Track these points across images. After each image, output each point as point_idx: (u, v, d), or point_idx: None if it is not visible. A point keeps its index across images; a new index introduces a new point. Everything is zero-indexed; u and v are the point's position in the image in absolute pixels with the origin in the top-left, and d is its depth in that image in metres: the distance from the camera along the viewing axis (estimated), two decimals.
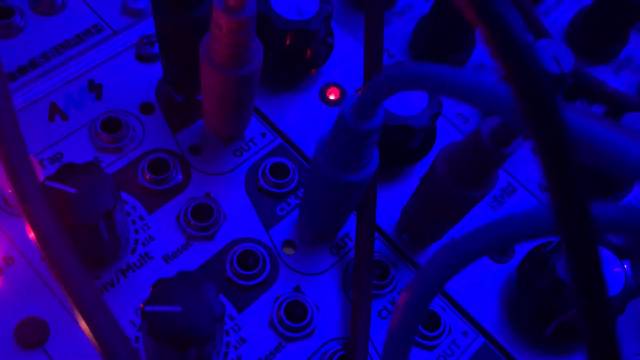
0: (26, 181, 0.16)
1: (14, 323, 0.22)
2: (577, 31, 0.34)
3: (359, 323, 0.24)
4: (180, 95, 0.27)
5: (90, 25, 0.29)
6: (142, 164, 0.25)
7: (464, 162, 0.21)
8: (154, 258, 0.24)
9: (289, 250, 0.26)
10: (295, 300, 0.24)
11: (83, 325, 0.15)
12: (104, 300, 0.16)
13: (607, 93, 0.32)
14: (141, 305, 0.19)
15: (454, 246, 0.15)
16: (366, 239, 0.25)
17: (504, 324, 0.26)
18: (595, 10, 0.34)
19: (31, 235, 0.16)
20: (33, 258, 0.23)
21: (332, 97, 0.30)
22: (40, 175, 0.24)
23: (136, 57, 0.28)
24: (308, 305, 0.24)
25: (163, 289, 0.19)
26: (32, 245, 0.23)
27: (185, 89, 0.27)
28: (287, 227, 0.26)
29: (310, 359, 0.24)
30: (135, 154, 0.26)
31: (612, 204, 0.13)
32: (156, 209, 0.25)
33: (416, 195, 0.25)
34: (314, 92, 0.30)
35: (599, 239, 0.25)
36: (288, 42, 0.27)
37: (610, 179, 0.30)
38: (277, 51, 0.27)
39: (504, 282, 0.27)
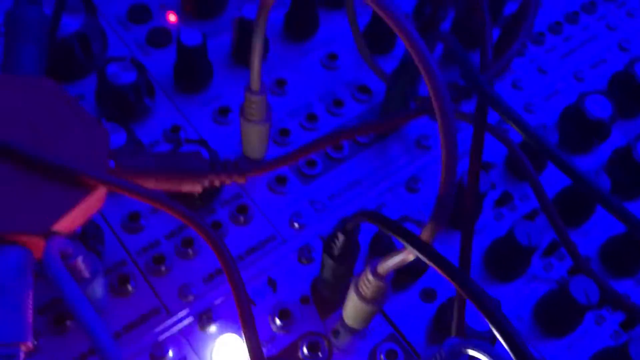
0: None
1: None
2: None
3: None
4: (327, 296, 0.40)
5: (269, 235, 0.43)
6: (302, 343, 0.38)
7: None
8: None
9: None
10: None
11: None
12: None
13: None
14: None
15: None
16: None
17: None
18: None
19: None
20: None
21: None
22: None
23: (298, 260, 0.42)
24: None
25: None
26: None
27: (332, 297, 0.40)
28: None
29: None
30: (297, 334, 0.39)
31: None
32: None
33: None
34: None
35: None
36: None
37: None
38: None
39: None
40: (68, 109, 0.32)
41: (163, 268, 0.40)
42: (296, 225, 0.43)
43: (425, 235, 0.29)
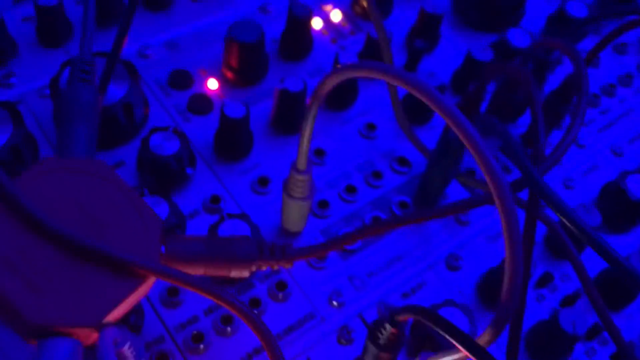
0: None
1: None
2: None
3: None
4: None
5: (308, 313, 0.42)
6: None
7: None
8: None
9: None
10: None
11: None
12: None
13: None
14: None
15: None
16: None
17: None
18: None
19: None
20: None
21: None
22: None
23: (337, 341, 0.41)
24: None
25: None
26: None
27: None
28: None
29: None
30: None
31: None
32: None
33: None
34: None
35: None
36: None
37: None
38: None
39: None
40: (121, 193, 0.32)
41: (202, 346, 0.39)
42: (335, 303, 0.42)
43: (483, 340, 0.28)
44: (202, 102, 0.51)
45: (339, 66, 0.32)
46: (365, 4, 0.57)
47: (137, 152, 0.46)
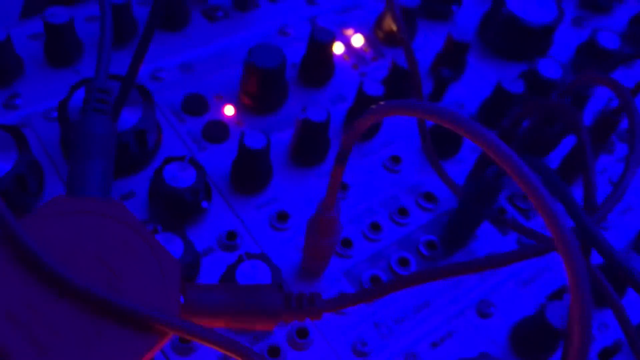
0: None
1: None
2: None
3: None
4: None
5: None
6: None
7: None
8: None
9: None
10: None
11: None
12: None
13: None
14: None
15: None
16: None
17: None
18: None
19: None
20: None
21: None
22: None
23: None
24: None
25: None
26: None
27: None
28: None
29: None
30: None
31: None
32: None
33: None
34: None
35: None
36: None
37: None
38: None
39: None
40: (137, 237, 0.29)
41: None
42: (360, 352, 0.39)
43: None
44: (218, 129, 0.48)
45: (380, 104, 0.29)
46: (393, 27, 0.55)
47: (150, 183, 0.43)
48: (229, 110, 0.49)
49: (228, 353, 0.28)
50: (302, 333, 0.39)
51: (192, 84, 0.50)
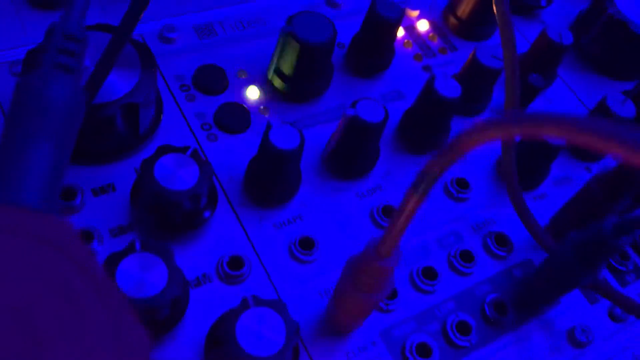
0: None
1: None
2: None
3: None
4: None
5: None
6: None
7: None
8: None
9: None
10: None
11: None
12: None
13: None
14: None
15: None
16: None
17: None
18: None
19: None
20: None
21: None
22: None
23: None
24: None
25: None
26: None
27: None
28: None
29: None
30: None
31: None
32: None
33: None
34: None
35: None
36: None
37: None
38: None
39: None
40: (84, 281, 0.18)
41: None
42: None
43: None
44: (236, 115, 0.36)
45: (511, 115, 0.17)
46: (468, 13, 0.43)
47: (136, 177, 0.31)
48: (253, 92, 0.38)
49: None
50: None
51: (210, 53, 0.39)
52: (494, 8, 0.31)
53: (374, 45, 0.39)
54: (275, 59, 0.37)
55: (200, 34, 0.39)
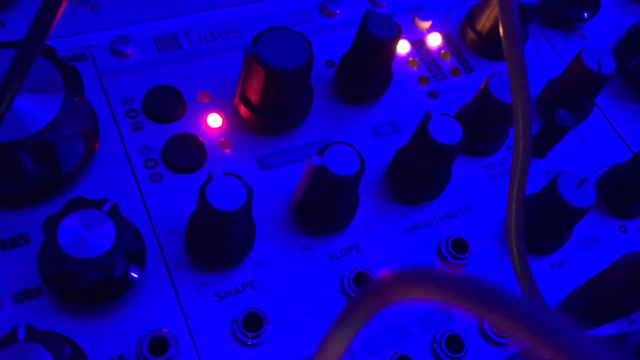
0: None
1: None
2: None
3: None
4: None
5: None
6: None
7: None
8: None
9: None
10: None
11: None
12: None
13: None
14: None
15: None
16: None
17: None
18: None
19: None
20: None
21: None
22: None
23: None
24: None
25: None
26: None
27: None
28: None
29: None
30: None
31: None
32: None
33: None
34: None
35: None
36: None
37: None
38: None
39: None
40: None
41: None
42: None
43: None
44: (188, 150, 0.30)
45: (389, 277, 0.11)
46: (491, 26, 0.36)
47: (42, 242, 0.26)
48: (214, 120, 0.31)
49: None
50: None
51: (170, 70, 0.33)
52: (499, 18, 0.24)
53: (365, 69, 0.32)
54: (240, 83, 0.31)
55: (161, 46, 0.33)
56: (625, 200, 0.33)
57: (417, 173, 0.30)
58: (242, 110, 0.31)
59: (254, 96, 0.30)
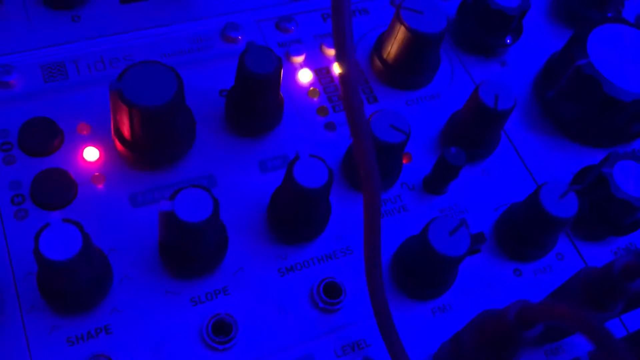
0: None
1: None
2: None
3: None
4: None
5: None
6: None
7: None
8: None
9: None
10: None
11: None
12: None
13: None
14: None
15: None
16: None
17: None
18: None
19: None
20: None
21: None
22: None
23: None
24: None
25: None
26: None
27: None
28: None
29: None
30: None
31: None
32: None
33: None
34: None
35: None
36: None
37: None
38: None
39: None
40: None
41: None
42: None
43: None
44: (57, 185, 0.30)
45: None
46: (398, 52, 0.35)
47: None
48: (91, 154, 0.31)
49: None
50: None
51: (52, 101, 0.32)
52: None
53: (249, 103, 0.32)
54: (112, 118, 0.30)
55: (47, 75, 0.33)
56: (520, 242, 0.32)
57: (292, 215, 0.29)
58: (117, 144, 0.30)
59: (125, 131, 0.29)
